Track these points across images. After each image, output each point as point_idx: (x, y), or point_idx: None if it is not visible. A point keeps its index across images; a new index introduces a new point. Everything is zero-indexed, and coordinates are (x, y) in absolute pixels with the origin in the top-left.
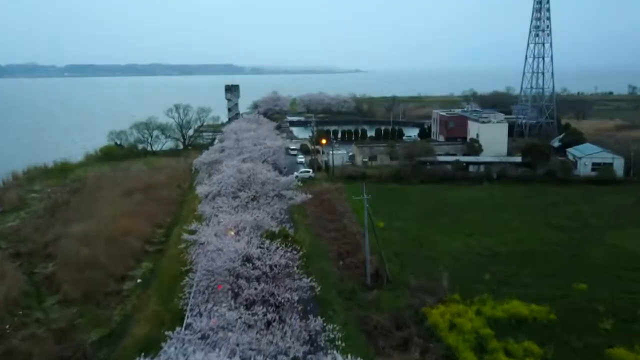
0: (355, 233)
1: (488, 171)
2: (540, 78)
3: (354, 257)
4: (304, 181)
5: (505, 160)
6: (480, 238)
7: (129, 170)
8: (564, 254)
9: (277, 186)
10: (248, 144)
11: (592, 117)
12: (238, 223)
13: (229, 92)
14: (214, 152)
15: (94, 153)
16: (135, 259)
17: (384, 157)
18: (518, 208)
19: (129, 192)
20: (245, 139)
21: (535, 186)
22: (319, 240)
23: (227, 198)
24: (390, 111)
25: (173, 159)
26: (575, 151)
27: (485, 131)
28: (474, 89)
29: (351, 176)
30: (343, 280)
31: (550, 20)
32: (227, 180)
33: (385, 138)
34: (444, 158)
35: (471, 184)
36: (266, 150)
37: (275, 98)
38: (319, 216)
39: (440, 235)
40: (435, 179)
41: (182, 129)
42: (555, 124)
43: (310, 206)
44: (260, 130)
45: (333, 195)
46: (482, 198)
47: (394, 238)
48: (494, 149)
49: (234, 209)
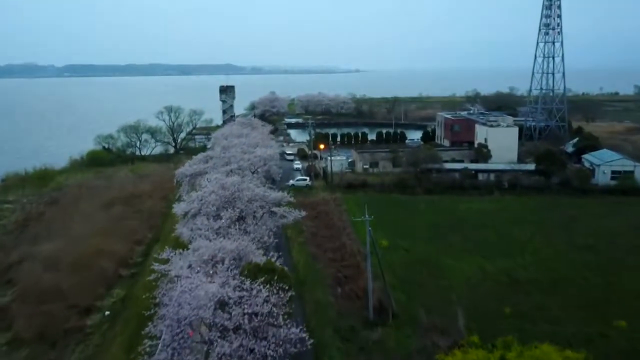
0: (355, 253)
1: (499, 180)
2: (550, 78)
3: (355, 283)
4: (301, 190)
5: (518, 168)
6: (496, 260)
7: (114, 177)
8: (594, 281)
9: (267, 202)
10: (237, 152)
11: (600, 119)
12: (216, 253)
13: (223, 94)
14: (198, 162)
15: (80, 158)
16: (106, 285)
17: (386, 164)
18: (535, 223)
19: (109, 203)
20: (235, 146)
21: (550, 197)
22: (314, 262)
23: (207, 218)
24: (391, 112)
25: (162, 165)
26: (593, 158)
27: (494, 136)
28: (477, 90)
29: (351, 185)
30: (341, 314)
31: (561, 17)
32: (208, 198)
33: (387, 142)
34: (451, 165)
35: (481, 194)
36: (256, 159)
37: (273, 99)
38: (315, 232)
39: (451, 256)
40: (441, 188)
41: (173, 132)
42: (566, 128)
43: (306, 219)
44: (254, 135)
45: (331, 206)
46: (494, 210)
47: (400, 260)
48: (504, 155)
49: (215, 232)
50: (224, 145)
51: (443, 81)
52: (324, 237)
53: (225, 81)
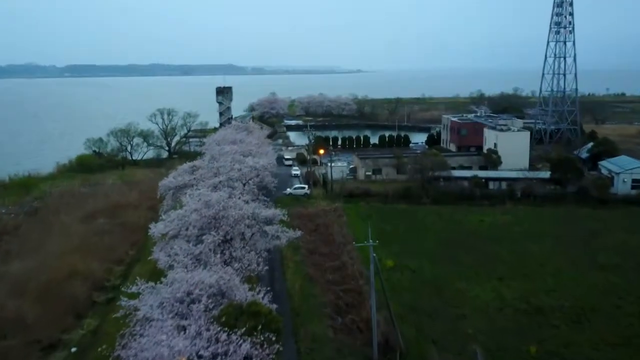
0: (357, 275)
1: (511, 189)
2: (561, 79)
3: (357, 312)
4: (299, 199)
5: (532, 176)
6: (514, 284)
7: (102, 184)
8: (627, 310)
9: (258, 221)
10: (226, 162)
11: (610, 121)
12: (192, 289)
13: (220, 95)
14: (183, 172)
15: (68, 163)
16: (77, 313)
17: (390, 171)
18: (552, 238)
19: (91, 215)
20: (226, 154)
21: (567, 207)
22: (311, 285)
23: (187, 242)
24: (394, 114)
25: (154, 171)
26: (611, 165)
27: (504, 141)
28: (481, 91)
29: (352, 194)
30: (341, 352)
31: (573, 16)
32: (188, 217)
33: (390, 145)
34: (459, 173)
35: (492, 205)
36: (247, 170)
37: (272, 100)
38: (313, 249)
39: (463, 279)
40: (450, 197)
41: (167, 136)
42: (578, 131)
43: (304, 233)
44: (249, 140)
45: (331, 218)
46: (508, 223)
47: (407, 283)
48: (514, 162)
49: (196, 258)
50: (213, 155)
51: (444, 82)
52: (323, 254)
53: (222, 82)
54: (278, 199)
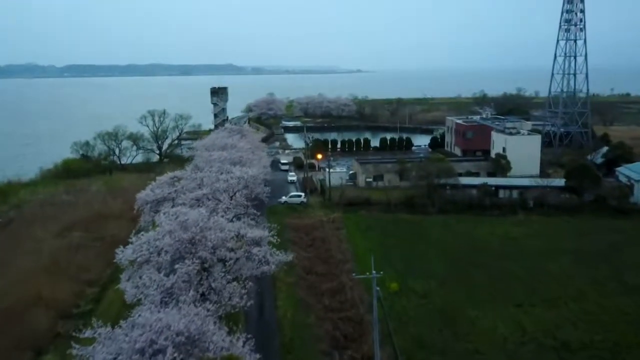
0: (357, 301)
1: (523, 197)
2: (571, 79)
3: (356, 346)
4: (295, 208)
5: (546, 184)
6: (534, 310)
7: (86, 191)
8: None
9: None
10: (211, 173)
11: (617, 122)
12: (155, 338)
13: (215, 96)
14: (163, 184)
15: (53, 168)
16: (37, 348)
17: (392, 177)
18: (572, 254)
19: (69, 227)
20: (213, 161)
21: (583, 218)
22: (306, 313)
23: (158, 271)
24: (395, 115)
25: (143, 176)
26: (630, 172)
27: (514, 145)
28: (484, 91)
29: (352, 202)
30: None
31: (584, 12)
32: (160, 242)
33: (392, 149)
34: (467, 180)
35: (503, 215)
36: (234, 181)
37: (270, 101)
38: (309, 267)
39: (477, 305)
40: (457, 207)
41: (158, 139)
42: (589, 134)
43: (299, 248)
44: (242, 145)
45: (329, 230)
46: (521, 236)
47: (414, 311)
48: (525, 167)
49: (166, 292)
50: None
51: (445, 82)
52: (320, 274)
53: (217, 82)
54: (272, 209)
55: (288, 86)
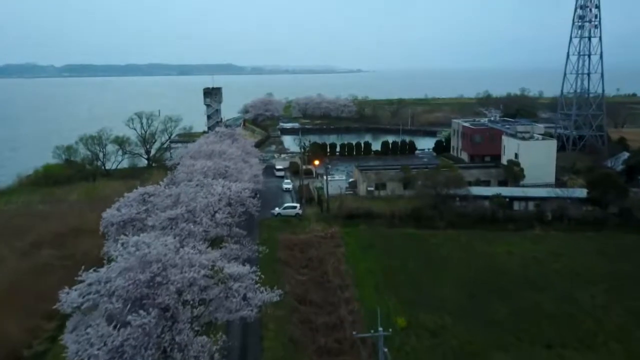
0: (359, 340)
1: (540, 210)
2: (585, 80)
3: None
4: (289, 221)
5: (567, 194)
6: (568, 354)
7: (64, 200)
8: None
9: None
10: (189, 188)
11: (628, 124)
12: None
13: (208, 97)
14: (132, 202)
15: (33, 174)
16: None
17: (396, 185)
18: (605, 279)
19: (38, 243)
20: (195, 172)
21: (609, 234)
22: (297, 357)
23: (109, 321)
24: (397, 116)
25: (128, 183)
26: None
27: (527, 151)
28: (488, 91)
29: (352, 214)
30: None
31: (599, 8)
32: (112, 283)
33: (394, 153)
34: (478, 190)
35: (518, 229)
36: (214, 199)
37: (267, 102)
38: (302, 295)
39: (500, 346)
40: (468, 221)
41: (146, 142)
42: (605, 137)
43: (292, 270)
44: (232, 151)
45: (326, 248)
46: (543, 256)
47: (426, 354)
48: (539, 175)
49: (116, 351)
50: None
51: (446, 81)
52: (315, 304)
53: (211, 82)
54: (264, 222)
55: (287, 86)
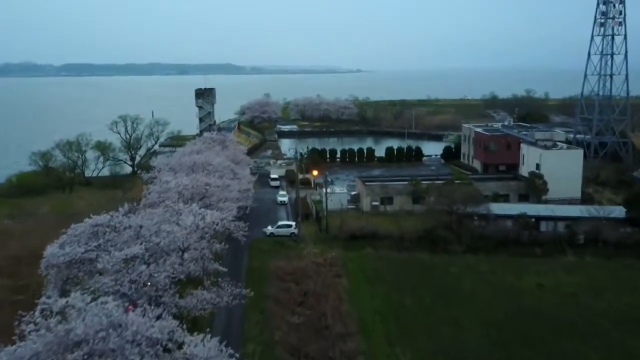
0: None
1: (570, 231)
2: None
3: None
4: (283, 243)
5: (603, 214)
6: None
7: (33, 215)
8: None
9: None
10: (155, 216)
11: None
12: None
13: (200, 98)
14: (81, 235)
15: (5, 183)
16: None
17: (404, 200)
18: None
19: None
20: (168, 191)
21: None
22: None
23: None
24: (399, 118)
25: (108, 194)
26: None
27: (551, 161)
28: (494, 92)
29: (355, 236)
30: None
31: (624, 4)
32: None
33: (399, 160)
34: (501, 208)
35: (547, 255)
36: (184, 234)
37: (264, 103)
38: (295, 347)
39: None
40: (489, 244)
41: (131, 148)
42: (630, 145)
43: (284, 311)
44: (220, 160)
45: (325, 279)
46: (581, 292)
47: None
48: (563, 188)
49: None
50: (142, 198)
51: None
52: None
53: (212, 82)
54: (255, 244)
55: (287, 86)
